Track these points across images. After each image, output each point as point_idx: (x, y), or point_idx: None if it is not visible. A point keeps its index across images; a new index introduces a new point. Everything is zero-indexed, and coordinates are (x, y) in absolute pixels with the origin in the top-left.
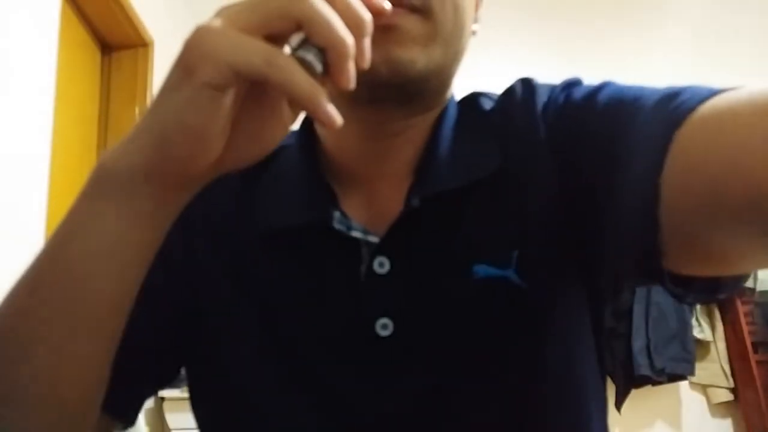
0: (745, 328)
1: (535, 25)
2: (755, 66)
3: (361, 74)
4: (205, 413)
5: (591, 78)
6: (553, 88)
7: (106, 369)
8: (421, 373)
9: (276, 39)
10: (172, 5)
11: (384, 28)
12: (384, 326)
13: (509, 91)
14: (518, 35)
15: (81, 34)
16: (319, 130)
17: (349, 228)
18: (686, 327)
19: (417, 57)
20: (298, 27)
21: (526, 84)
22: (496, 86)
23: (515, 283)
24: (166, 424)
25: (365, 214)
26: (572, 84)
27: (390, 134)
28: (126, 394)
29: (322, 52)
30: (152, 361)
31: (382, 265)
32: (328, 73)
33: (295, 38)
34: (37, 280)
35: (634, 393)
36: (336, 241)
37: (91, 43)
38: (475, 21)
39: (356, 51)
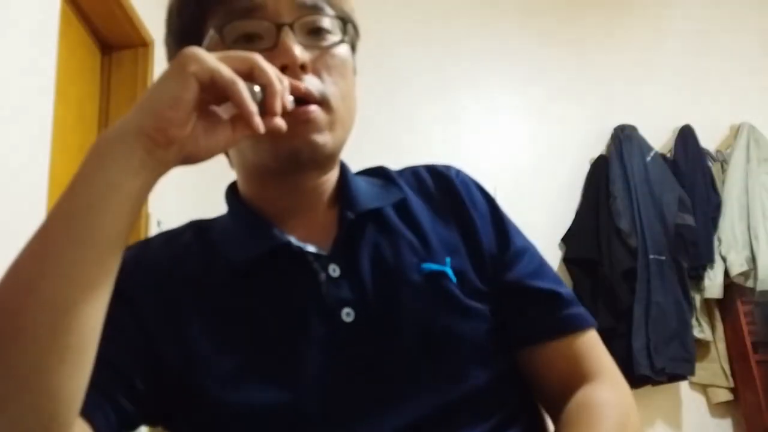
0: (745, 328)
1: (539, 23)
2: (760, 62)
3: (288, 155)
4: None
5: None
6: (466, 177)
7: (104, 304)
8: (381, 345)
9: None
10: None
11: (305, 121)
12: (347, 314)
13: (419, 168)
14: (523, 32)
15: (81, 34)
16: (249, 194)
17: (305, 246)
18: (686, 327)
19: (326, 141)
20: (251, 71)
21: (433, 167)
22: (496, 86)
23: (450, 277)
24: None
25: (306, 239)
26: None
27: (309, 188)
28: (105, 406)
29: (263, 91)
30: (127, 381)
31: (334, 270)
32: (264, 106)
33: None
34: (47, 226)
35: (634, 393)
36: (293, 259)
37: (91, 43)
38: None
39: (281, 96)
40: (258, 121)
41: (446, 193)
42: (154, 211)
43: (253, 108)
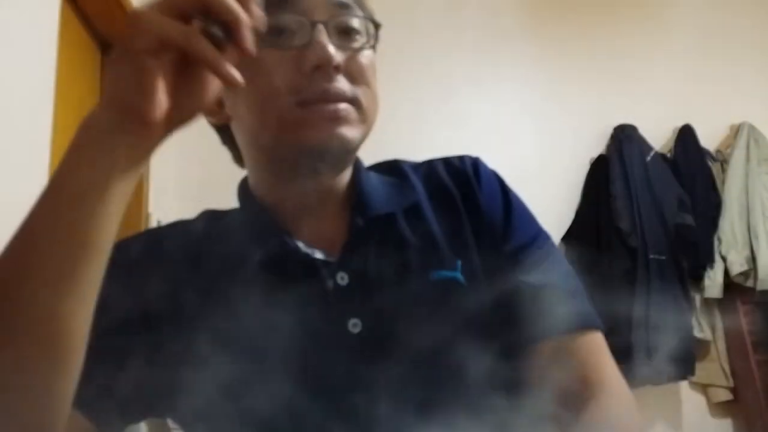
0: (745, 328)
1: (540, 22)
2: (760, 62)
3: (315, 148)
4: (198, 410)
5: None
6: (486, 169)
7: (89, 308)
8: (388, 358)
9: (187, 19)
10: None
11: (335, 118)
12: (354, 325)
13: (436, 163)
14: (524, 31)
15: (81, 33)
16: (260, 192)
17: (313, 252)
18: (686, 327)
19: (354, 136)
20: (204, 9)
21: (448, 160)
22: (494, 89)
23: (461, 282)
24: (166, 423)
25: (315, 244)
26: (492, 171)
27: (323, 189)
28: (102, 397)
29: (223, 25)
30: (132, 373)
31: (342, 278)
32: (233, 41)
33: (197, 21)
34: (26, 230)
35: (634, 392)
36: (301, 264)
37: (91, 43)
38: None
39: (249, 18)
40: (228, 71)
41: (461, 187)
42: (154, 210)
43: (216, 58)
